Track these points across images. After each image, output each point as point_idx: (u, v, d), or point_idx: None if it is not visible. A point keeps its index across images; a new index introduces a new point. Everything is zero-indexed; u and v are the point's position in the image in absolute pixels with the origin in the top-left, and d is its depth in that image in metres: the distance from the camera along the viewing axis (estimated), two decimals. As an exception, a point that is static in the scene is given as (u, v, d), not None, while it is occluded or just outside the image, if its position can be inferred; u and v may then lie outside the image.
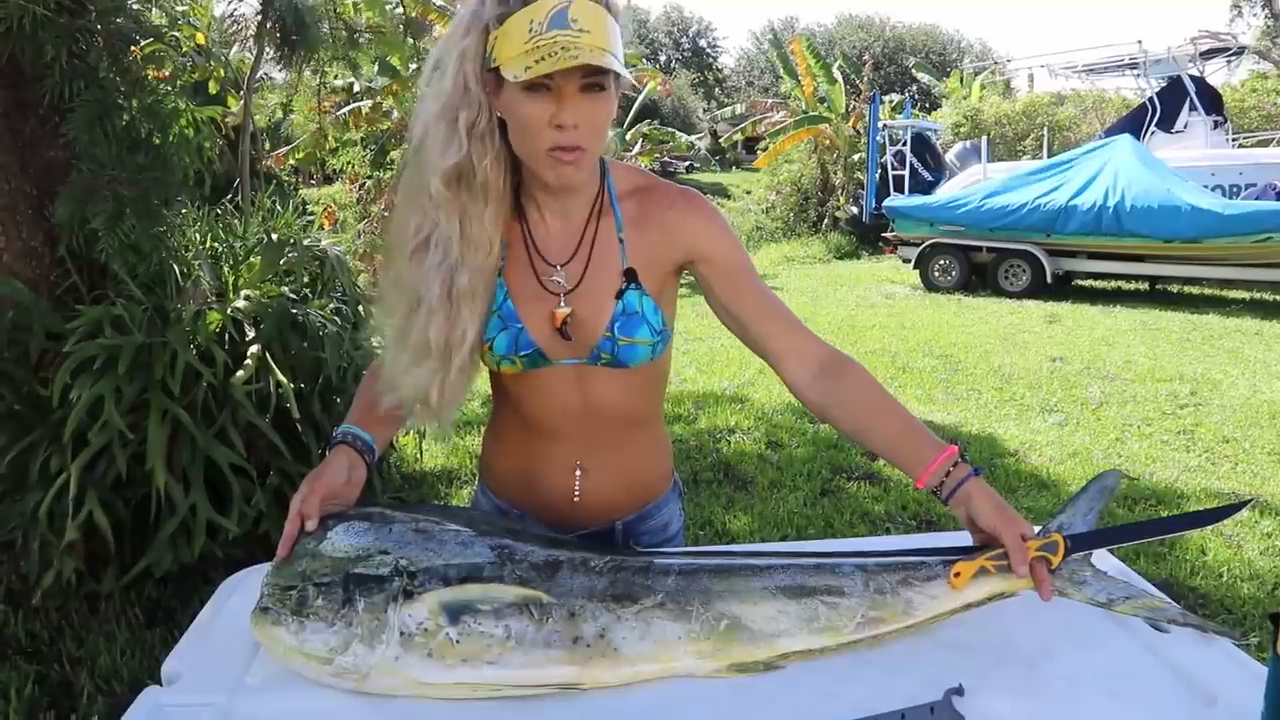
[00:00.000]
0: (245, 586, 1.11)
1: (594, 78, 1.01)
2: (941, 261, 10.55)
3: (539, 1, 0.98)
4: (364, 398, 1.24)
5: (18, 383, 2.70)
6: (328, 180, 14.64)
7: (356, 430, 1.18)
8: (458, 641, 0.92)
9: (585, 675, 0.95)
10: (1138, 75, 13.03)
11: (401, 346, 1.10)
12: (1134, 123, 11.81)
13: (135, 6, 2.70)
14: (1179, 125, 11.63)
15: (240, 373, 2.81)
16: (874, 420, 1.14)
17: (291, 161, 10.30)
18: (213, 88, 3.08)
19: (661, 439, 1.36)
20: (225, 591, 1.13)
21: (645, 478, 1.32)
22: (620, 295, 1.15)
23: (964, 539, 1.11)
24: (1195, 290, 10.43)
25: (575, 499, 1.25)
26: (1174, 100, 11.76)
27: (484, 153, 1.05)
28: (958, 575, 1.05)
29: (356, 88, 10.74)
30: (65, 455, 2.58)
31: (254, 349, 2.89)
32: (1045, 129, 15.76)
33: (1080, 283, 10.69)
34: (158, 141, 2.79)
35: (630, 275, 1.15)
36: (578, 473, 1.24)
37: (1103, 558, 1.26)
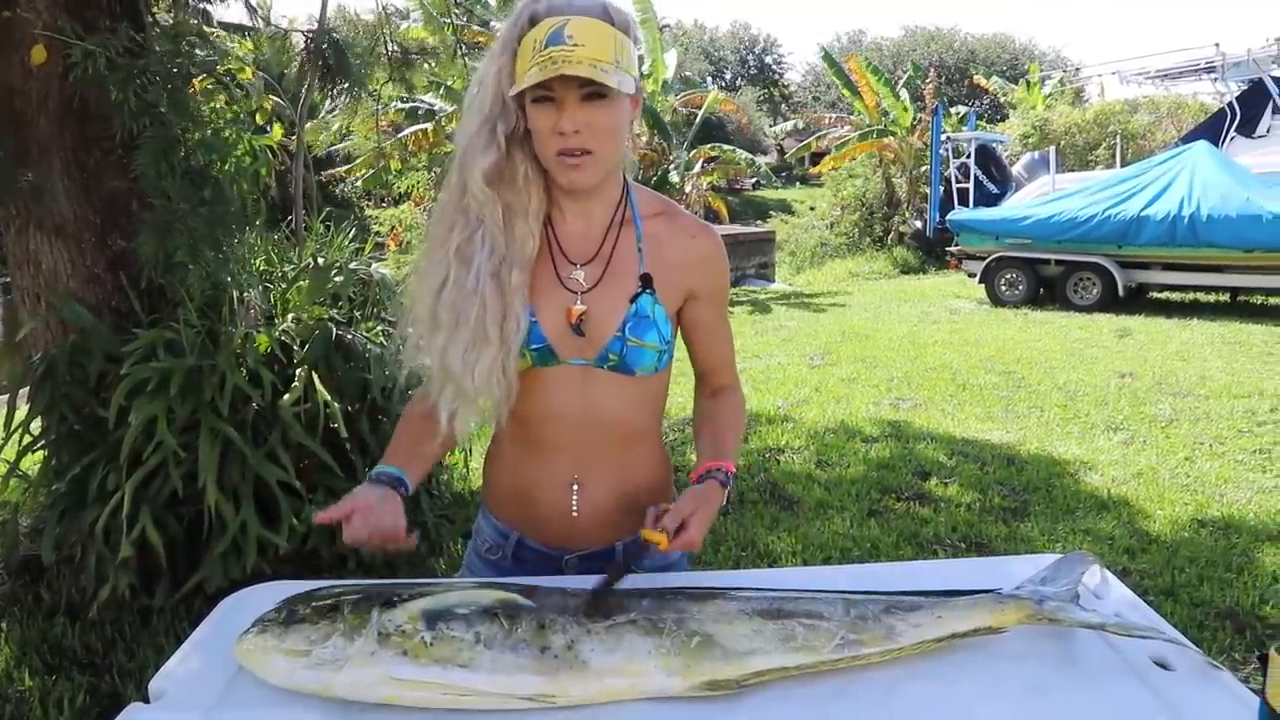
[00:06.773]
0: (240, 606, 1.14)
1: (592, 86, 1.09)
2: (1008, 275, 10.30)
3: (544, 22, 1.09)
4: (399, 440, 1.26)
5: (78, 404, 2.83)
6: (396, 202, 15.03)
7: (382, 469, 1.20)
8: (431, 644, 0.96)
9: (553, 686, 0.95)
10: (1215, 79, 12.59)
11: (455, 338, 1.14)
12: (1212, 129, 11.38)
13: (188, 45, 2.82)
14: (1261, 130, 11.18)
15: (288, 395, 2.89)
16: (702, 428, 1.35)
17: (358, 182, 10.61)
18: (260, 118, 3.19)
19: (660, 457, 1.36)
20: (221, 611, 1.15)
21: (644, 495, 1.32)
22: (634, 299, 1.21)
23: (1008, 566, 1.12)
24: (1281, 301, 9.97)
25: (573, 515, 1.27)
26: (1255, 104, 11.31)
27: (523, 156, 1.16)
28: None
29: (421, 110, 11.02)
30: (121, 474, 2.69)
31: (300, 370, 2.97)
32: (1117, 137, 15.29)
33: (1155, 295, 10.31)
34: (218, 174, 2.91)
35: (646, 280, 1.22)
36: (575, 487, 1.26)
37: (1112, 587, 1.21)
